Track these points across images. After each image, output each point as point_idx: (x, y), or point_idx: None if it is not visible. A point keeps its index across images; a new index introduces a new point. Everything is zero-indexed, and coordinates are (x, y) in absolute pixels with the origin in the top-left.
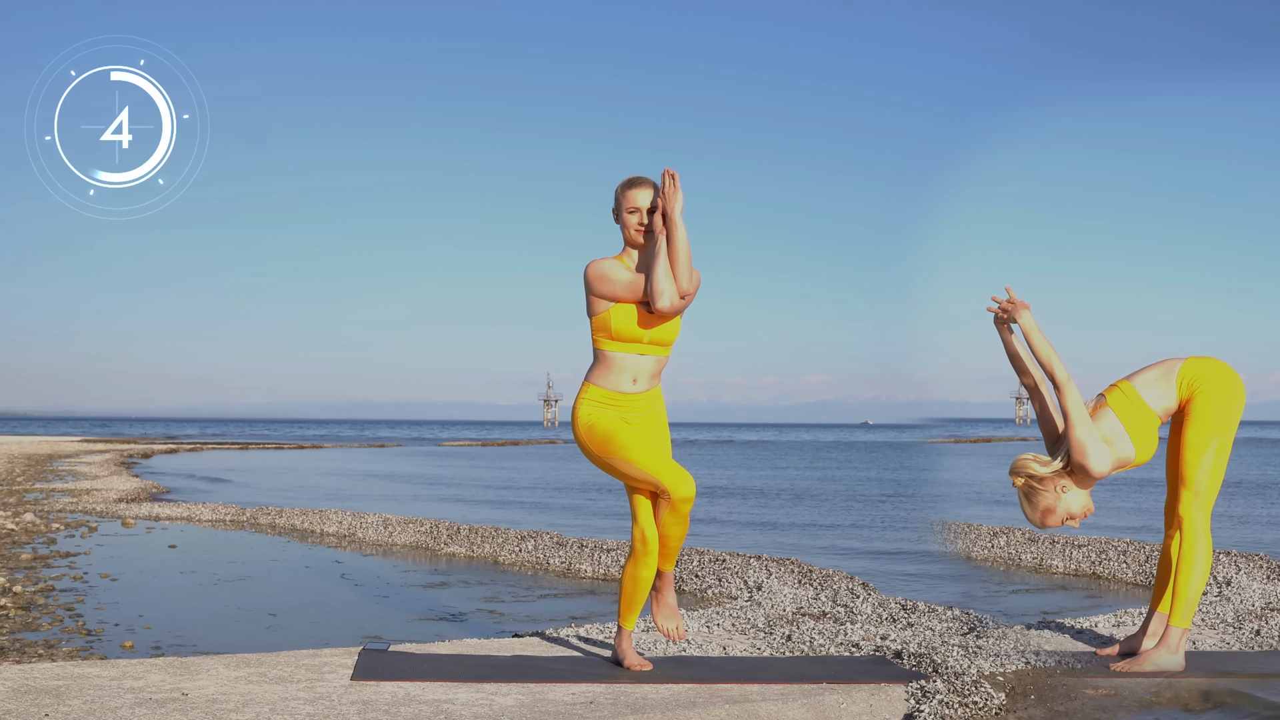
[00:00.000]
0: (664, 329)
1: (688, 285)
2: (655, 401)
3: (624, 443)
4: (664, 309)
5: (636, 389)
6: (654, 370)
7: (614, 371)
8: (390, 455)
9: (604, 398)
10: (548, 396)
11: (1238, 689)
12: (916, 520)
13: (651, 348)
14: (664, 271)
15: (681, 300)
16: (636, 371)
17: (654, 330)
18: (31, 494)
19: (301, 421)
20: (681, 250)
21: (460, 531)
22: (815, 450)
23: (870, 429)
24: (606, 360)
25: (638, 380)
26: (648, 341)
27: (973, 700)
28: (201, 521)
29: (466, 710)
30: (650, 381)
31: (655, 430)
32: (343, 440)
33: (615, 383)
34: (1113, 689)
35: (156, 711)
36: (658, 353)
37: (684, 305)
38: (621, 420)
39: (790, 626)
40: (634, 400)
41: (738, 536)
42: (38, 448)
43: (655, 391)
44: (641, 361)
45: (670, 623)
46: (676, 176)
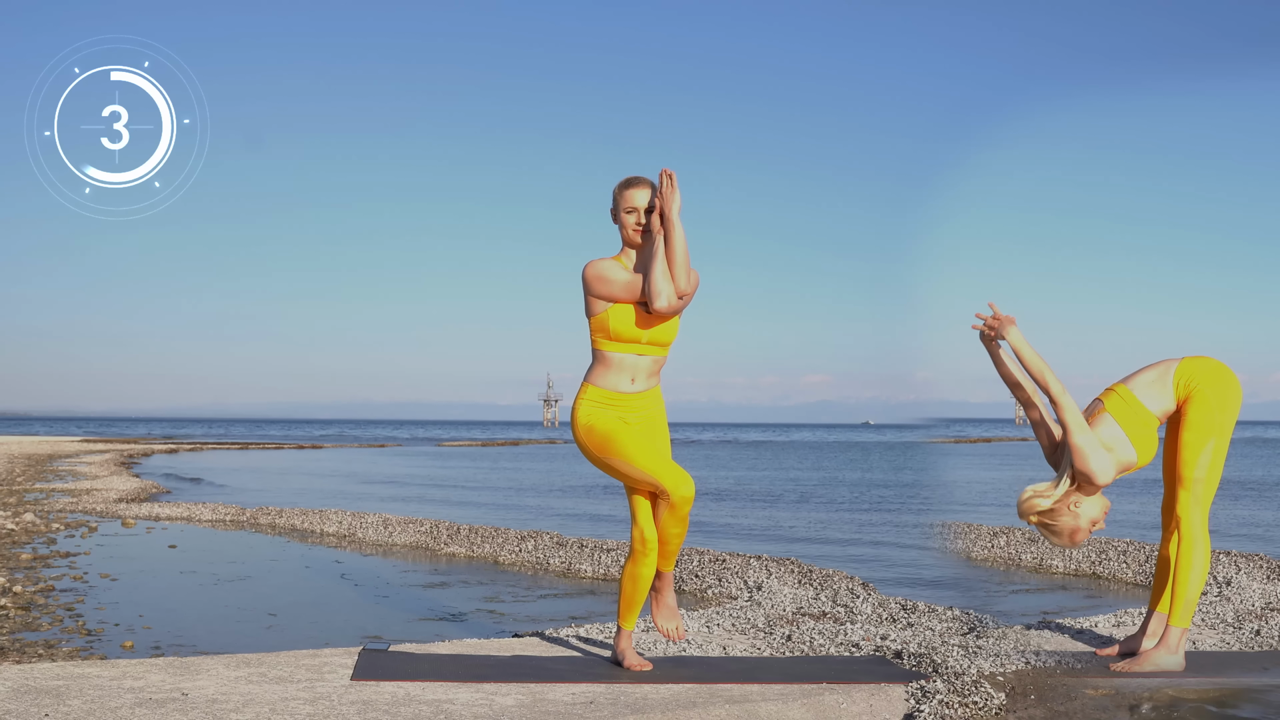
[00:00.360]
0: (662, 329)
1: (685, 285)
2: (655, 401)
3: (623, 443)
4: (662, 309)
5: (635, 389)
6: (652, 370)
7: (613, 371)
8: (391, 455)
9: (603, 398)
10: (548, 396)
11: (1239, 689)
12: (917, 520)
13: (650, 348)
14: (661, 272)
15: (680, 300)
16: (635, 371)
17: (652, 330)
18: (31, 494)
19: (302, 421)
20: (679, 250)
21: (460, 531)
22: (818, 450)
23: (872, 429)
24: (605, 360)
25: (636, 380)
26: (646, 342)
27: (973, 700)
28: (201, 521)
29: (466, 710)
30: (649, 381)
31: (654, 430)
32: (343, 440)
33: (614, 383)
34: (1113, 689)
35: (156, 711)
36: (656, 353)
37: (682, 305)
38: (621, 420)
39: (790, 626)
40: (633, 400)
41: (739, 537)
42: (38, 448)
43: (654, 391)
44: (640, 361)
45: (670, 623)
46: (674, 176)
